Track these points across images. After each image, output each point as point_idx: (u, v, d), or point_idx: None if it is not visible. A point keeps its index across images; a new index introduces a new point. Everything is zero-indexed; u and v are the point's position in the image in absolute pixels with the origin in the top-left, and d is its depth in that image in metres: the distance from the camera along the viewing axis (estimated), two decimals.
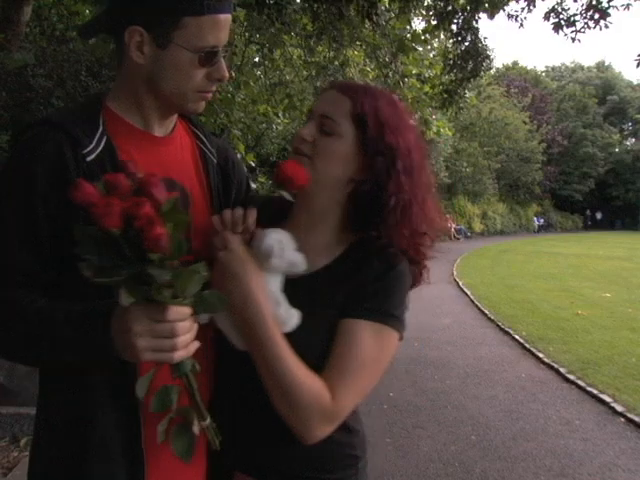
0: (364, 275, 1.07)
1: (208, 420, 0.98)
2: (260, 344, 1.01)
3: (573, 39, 5.97)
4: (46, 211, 0.98)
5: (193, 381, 0.95)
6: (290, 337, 1.02)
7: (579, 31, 5.91)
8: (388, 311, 1.07)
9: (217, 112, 6.39)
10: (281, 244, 1.04)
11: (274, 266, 1.04)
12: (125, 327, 0.88)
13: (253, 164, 8.04)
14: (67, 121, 1.03)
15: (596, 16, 5.69)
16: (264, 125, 8.24)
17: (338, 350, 1.04)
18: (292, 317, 1.04)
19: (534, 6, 6.18)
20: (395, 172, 1.07)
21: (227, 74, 1.09)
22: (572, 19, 5.90)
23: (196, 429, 0.96)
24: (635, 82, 47.23)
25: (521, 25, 6.47)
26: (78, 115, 1.06)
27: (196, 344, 0.94)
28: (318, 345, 1.05)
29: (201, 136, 1.23)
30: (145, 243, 0.80)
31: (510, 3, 6.15)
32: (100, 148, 1.02)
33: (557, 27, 6.00)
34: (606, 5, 5.62)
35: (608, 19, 5.67)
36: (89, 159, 1.00)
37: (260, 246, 1.04)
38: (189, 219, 0.94)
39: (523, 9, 6.29)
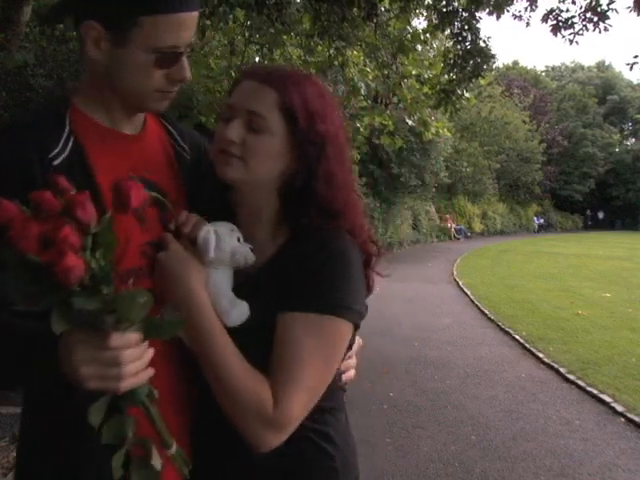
0: (300, 265, 1.01)
1: (174, 448, 0.92)
2: (201, 342, 0.97)
3: (571, 41, 5.97)
4: None
5: (151, 408, 0.90)
6: (241, 338, 0.98)
7: (577, 33, 5.91)
8: (327, 299, 0.99)
9: (217, 111, 6.39)
10: (216, 235, 1.00)
11: (213, 259, 1.00)
12: (67, 353, 0.84)
13: None
14: (32, 124, 1.00)
15: (595, 19, 5.69)
16: None
17: (276, 349, 0.98)
18: (236, 310, 1.00)
19: (536, 6, 6.19)
20: (326, 158, 1.04)
21: (189, 75, 1.04)
22: (570, 21, 5.90)
23: (157, 462, 0.89)
24: (635, 82, 47.24)
25: (527, 24, 6.50)
26: (44, 117, 1.03)
27: (150, 372, 0.89)
28: (268, 345, 0.99)
29: (173, 132, 1.19)
30: (55, 275, 0.74)
31: (514, 3, 6.17)
32: (67, 150, 0.98)
33: (555, 29, 6.00)
34: (605, 7, 5.61)
35: (607, 21, 5.66)
36: (56, 163, 0.96)
37: (204, 247, 1.00)
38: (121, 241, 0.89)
39: (526, 9, 6.30)
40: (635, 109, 45.37)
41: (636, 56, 5.40)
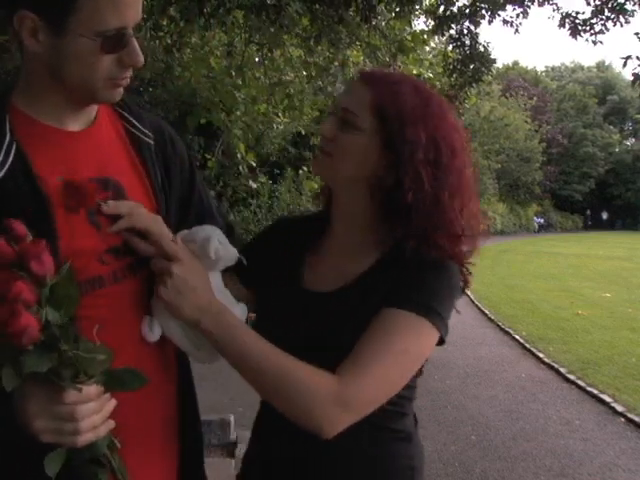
0: (407, 269, 1.00)
1: None
2: (233, 346, 0.94)
3: (594, 42, 5.90)
4: None
5: (113, 460, 0.86)
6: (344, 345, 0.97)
7: (599, 33, 5.84)
8: (429, 304, 0.98)
9: (218, 111, 6.40)
10: (217, 242, 0.99)
11: (219, 265, 1.01)
12: (21, 404, 0.80)
13: (254, 164, 8.04)
14: None
15: (612, 15, 5.63)
16: (261, 126, 8.23)
17: (364, 336, 0.96)
18: (238, 309, 1.02)
19: (528, 14, 6.18)
20: (415, 166, 0.98)
21: (141, 58, 0.93)
22: (589, 22, 5.83)
23: None
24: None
25: (516, 31, 6.48)
26: None
27: (110, 424, 0.85)
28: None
29: (130, 118, 1.06)
30: (7, 336, 0.70)
31: (506, 8, 6.15)
32: (9, 161, 0.88)
33: (574, 32, 5.93)
34: (622, 1, 5.54)
35: (627, 14, 5.59)
36: None
37: (206, 249, 0.97)
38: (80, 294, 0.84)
39: (518, 15, 6.29)
40: (635, 109, 45.35)
41: (629, 57, 5.35)
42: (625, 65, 5.29)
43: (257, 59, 6.97)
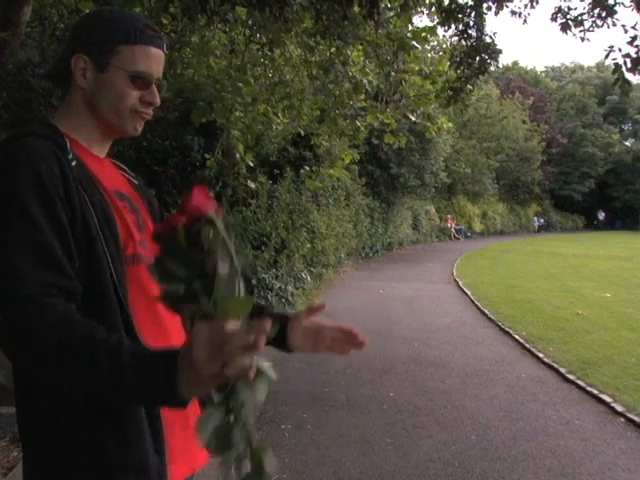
0: None
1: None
2: None
3: (582, 39, 5.93)
4: (63, 211, 1.04)
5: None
6: None
7: (588, 30, 5.88)
8: None
9: (221, 112, 6.39)
10: None
11: None
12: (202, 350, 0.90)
13: (252, 164, 8.02)
14: (50, 133, 1.12)
15: (603, 14, 5.66)
16: (261, 126, 8.19)
17: None
18: None
19: (537, 2, 6.17)
20: None
21: (158, 101, 1.21)
22: (580, 18, 5.86)
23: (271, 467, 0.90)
24: (635, 82, 47.24)
25: (525, 21, 6.47)
26: (51, 131, 1.14)
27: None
28: None
29: (121, 165, 1.35)
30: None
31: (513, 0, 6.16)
32: (75, 159, 1.11)
33: (565, 27, 5.96)
34: (612, 2, 5.58)
35: (615, 16, 5.64)
36: (73, 164, 1.10)
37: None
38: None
39: (526, 5, 6.29)
40: (635, 109, 45.35)
41: (611, 46, 5.35)
42: (607, 57, 5.32)
43: (255, 59, 6.97)
